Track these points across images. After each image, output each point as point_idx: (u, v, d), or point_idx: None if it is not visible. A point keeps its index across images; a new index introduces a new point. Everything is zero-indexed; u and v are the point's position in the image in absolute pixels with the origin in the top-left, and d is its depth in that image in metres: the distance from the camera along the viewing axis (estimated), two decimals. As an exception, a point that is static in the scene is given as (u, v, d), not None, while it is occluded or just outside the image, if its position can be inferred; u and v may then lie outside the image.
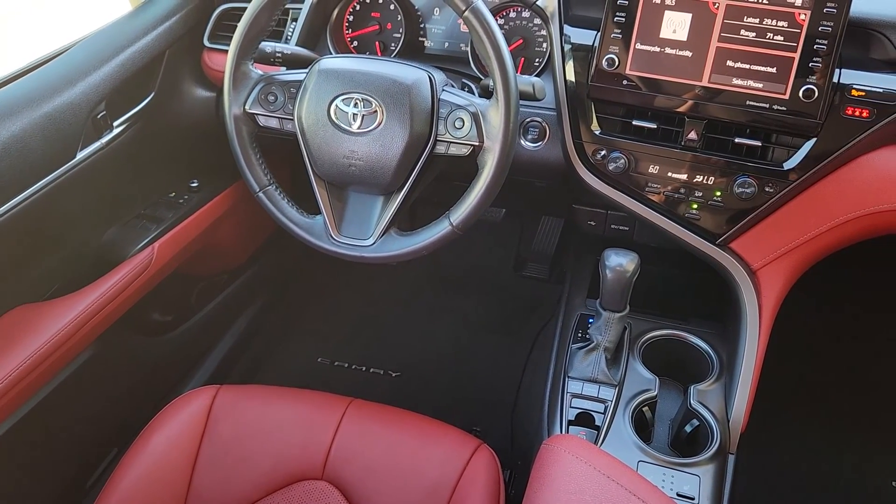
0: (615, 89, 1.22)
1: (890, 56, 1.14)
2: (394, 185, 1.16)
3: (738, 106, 1.16)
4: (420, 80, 1.12)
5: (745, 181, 1.19)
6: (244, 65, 1.18)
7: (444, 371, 2.02)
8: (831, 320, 2.02)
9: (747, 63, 1.15)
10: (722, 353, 1.31)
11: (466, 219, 1.13)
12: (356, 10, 1.48)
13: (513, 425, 1.82)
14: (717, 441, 1.16)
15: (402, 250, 1.18)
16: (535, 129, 1.32)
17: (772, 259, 1.24)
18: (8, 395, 1.17)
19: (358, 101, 1.12)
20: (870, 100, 1.11)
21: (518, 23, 1.39)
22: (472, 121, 1.11)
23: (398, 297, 2.24)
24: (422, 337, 2.13)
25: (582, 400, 1.22)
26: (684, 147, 1.22)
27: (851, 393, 1.91)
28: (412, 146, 1.12)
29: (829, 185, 1.18)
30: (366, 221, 1.20)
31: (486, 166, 1.11)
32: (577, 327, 1.39)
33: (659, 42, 1.18)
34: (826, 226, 1.20)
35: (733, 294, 1.28)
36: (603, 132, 1.26)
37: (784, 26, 1.12)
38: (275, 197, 1.22)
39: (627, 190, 1.27)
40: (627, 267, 1.21)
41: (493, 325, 2.14)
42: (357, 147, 1.13)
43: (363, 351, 2.08)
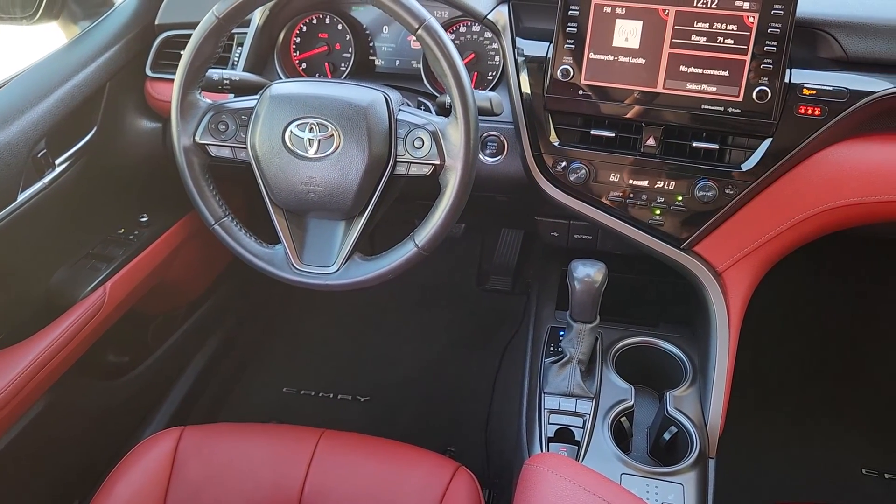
0: (571, 100, 1.22)
1: (836, 54, 1.16)
2: (355, 210, 1.13)
3: (694, 110, 1.17)
4: (376, 101, 1.10)
5: (706, 184, 1.19)
6: (191, 94, 1.14)
7: (413, 392, 1.98)
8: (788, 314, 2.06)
9: (700, 67, 1.15)
10: (693, 356, 1.31)
11: (432, 239, 1.11)
12: (303, 31, 1.45)
13: (487, 443, 1.80)
14: (696, 447, 1.15)
15: (368, 276, 1.15)
16: (493, 144, 1.31)
17: (736, 260, 1.25)
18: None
19: (313, 125, 1.09)
20: (821, 98, 1.13)
21: (469, 37, 1.38)
22: (432, 140, 1.09)
23: (362, 320, 2.20)
24: (388, 359, 2.09)
25: (560, 415, 1.21)
26: (643, 154, 1.22)
27: (817, 385, 1.94)
28: (372, 169, 1.09)
29: (786, 183, 1.19)
30: (328, 248, 1.17)
31: (448, 185, 1.09)
32: (548, 341, 1.37)
33: (612, 51, 1.18)
34: (787, 224, 1.21)
35: (700, 297, 1.28)
36: (562, 143, 1.25)
37: (734, 29, 1.13)
38: (231, 229, 1.18)
39: (590, 200, 1.27)
40: (596, 277, 1.20)
41: (459, 342, 2.12)
42: (315, 173, 1.10)
43: (330, 377, 2.03)
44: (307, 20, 1.44)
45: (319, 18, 1.44)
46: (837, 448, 1.76)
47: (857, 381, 1.95)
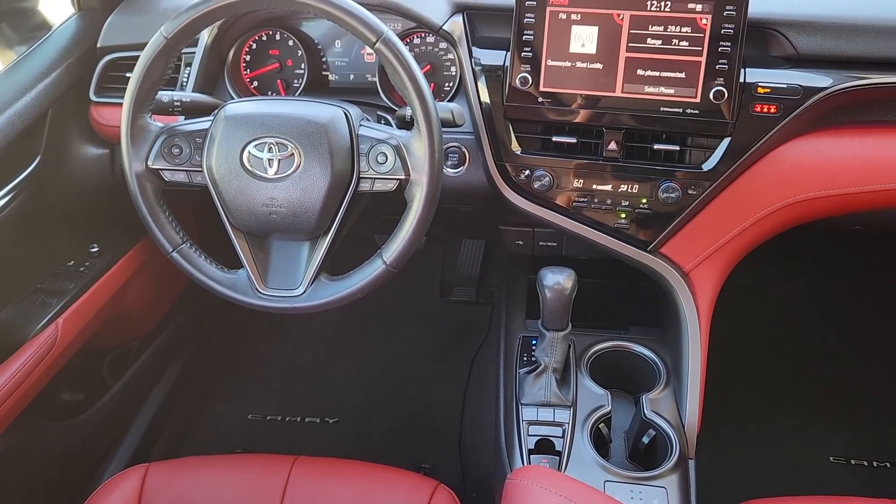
0: (531, 107, 1.21)
1: (787, 52, 1.18)
2: (319, 229, 1.10)
3: (653, 113, 1.18)
4: (336, 118, 1.07)
5: (669, 186, 1.20)
6: (141, 118, 1.09)
7: (383, 410, 1.95)
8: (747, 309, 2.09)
9: (657, 70, 1.16)
10: (666, 357, 1.32)
11: (400, 256, 1.09)
12: (252, 49, 1.41)
13: (462, 457, 1.77)
14: (676, 449, 1.15)
15: (336, 296, 1.12)
16: (454, 155, 1.29)
17: (702, 259, 1.25)
18: None
19: (272, 145, 1.06)
20: (775, 96, 1.15)
21: (424, 48, 1.37)
22: (396, 154, 1.07)
23: (325, 340, 2.16)
24: (355, 378, 2.05)
25: (539, 426, 1.19)
26: (606, 158, 1.22)
27: (780, 379, 1.97)
28: (335, 187, 1.07)
29: (747, 181, 1.21)
30: (293, 270, 1.14)
31: (415, 199, 1.07)
32: (520, 351, 1.36)
33: (569, 57, 1.18)
34: (749, 221, 1.22)
35: (669, 298, 1.29)
36: (524, 151, 1.25)
37: (688, 32, 1.14)
38: (190, 255, 1.14)
39: (555, 207, 1.26)
40: (566, 284, 1.20)
41: (426, 355, 2.09)
42: (276, 193, 1.07)
43: (296, 401, 1.98)
44: (257, 37, 1.41)
45: (269, 35, 1.41)
46: (805, 439, 1.80)
47: (818, 372, 1.99)
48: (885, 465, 1.72)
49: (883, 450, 1.76)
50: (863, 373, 1.98)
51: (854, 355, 2.02)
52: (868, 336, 2.06)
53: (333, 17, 1.02)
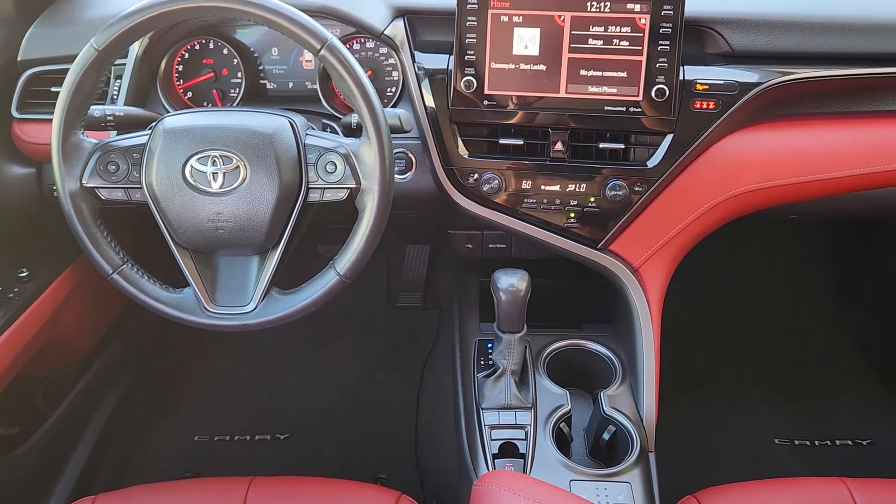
0: (476, 110, 1.21)
1: (723, 49, 1.21)
2: (269, 243, 1.07)
3: (597, 112, 1.19)
4: (281, 128, 1.04)
5: (616, 184, 1.21)
6: (73, 134, 1.04)
7: (335, 422, 1.91)
8: (687, 299, 2.14)
9: (599, 70, 1.17)
10: (620, 353, 1.34)
11: (354, 266, 1.07)
12: (185, 58, 1.37)
13: (419, 465, 1.75)
14: (637, 444, 1.16)
15: (289, 310, 1.09)
16: (400, 161, 1.28)
17: (651, 255, 1.28)
18: None
19: (216, 158, 1.02)
20: (714, 92, 1.18)
21: (364, 54, 1.34)
22: (345, 162, 1.05)
23: (270, 355, 2.10)
24: (304, 391, 2.01)
25: (501, 430, 1.19)
26: (553, 159, 1.23)
27: (724, 365, 2.03)
28: (284, 199, 1.04)
29: (690, 176, 1.23)
30: (242, 286, 1.10)
31: (367, 208, 1.05)
32: (477, 355, 1.35)
33: (513, 59, 1.18)
34: (693, 215, 1.25)
35: (621, 294, 1.31)
36: (471, 155, 1.24)
37: (628, 32, 1.16)
38: (132, 276, 1.09)
39: (505, 209, 1.27)
40: (520, 286, 1.20)
41: (376, 364, 2.07)
42: (222, 208, 1.03)
43: (244, 419, 1.92)
44: (189, 46, 1.36)
45: (202, 44, 1.36)
46: (751, 424, 1.85)
47: (759, 358, 2.05)
48: (826, 443, 1.79)
49: (824, 429, 1.83)
50: (801, 356, 2.05)
51: (792, 340, 2.10)
52: (805, 321, 2.14)
53: (275, 25, 0.99)
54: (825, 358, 2.04)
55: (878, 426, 1.83)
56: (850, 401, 1.91)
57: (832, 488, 1.13)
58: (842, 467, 1.73)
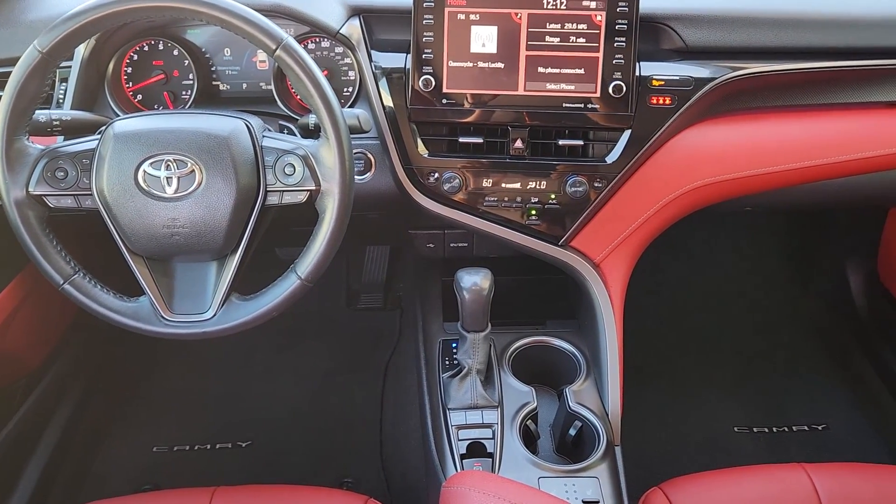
0: (435, 109, 1.20)
1: (677, 45, 1.23)
2: (227, 248, 1.05)
3: (556, 109, 1.19)
4: (237, 130, 1.02)
5: (576, 180, 1.22)
6: (18, 140, 0.99)
7: (298, 427, 1.88)
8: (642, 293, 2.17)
9: (557, 67, 1.18)
10: (584, 348, 1.34)
11: (316, 269, 1.05)
12: (134, 60, 1.32)
13: (385, 468, 1.74)
14: (603, 439, 1.17)
15: (249, 316, 1.06)
16: (359, 162, 1.26)
17: (612, 249, 1.29)
18: None
19: (170, 162, 0.99)
20: (670, 87, 1.19)
21: (319, 53, 1.32)
22: (304, 164, 1.03)
23: (230, 359, 2.06)
24: (265, 397, 1.97)
25: (469, 430, 1.18)
26: (513, 157, 1.23)
27: (682, 356, 2.06)
28: (241, 202, 1.01)
29: (648, 171, 1.25)
30: (201, 293, 1.07)
31: (327, 210, 1.03)
32: (441, 355, 1.35)
33: (471, 57, 1.18)
34: (652, 209, 1.27)
35: (583, 289, 1.31)
36: (431, 154, 1.24)
37: (584, 29, 1.16)
38: (85, 286, 1.05)
39: (466, 207, 1.26)
40: (483, 285, 1.20)
41: (338, 366, 2.04)
42: (178, 213, 1.00)
43: (203, 427, 1.88)
44: (138, 47, 1.32)
45: (152, 45, 1.32)
46: (711, 413, 1.88)
47: (716, 347, 2.09)
48: (784, 429, 1.84)
49: (781, 416, 1.87)
50: (757, 345, 2.10)
51: (748, 329, 2.14)
52: (760, 310, 2.19)
53: (228, 25, 0.96)
54: (781, 345, 2.09)
55: (833, 411, 1.88)
56: (805, 387, 1.96)
57: (793, 474, 1.16)
58: (799, 452, 1.77)
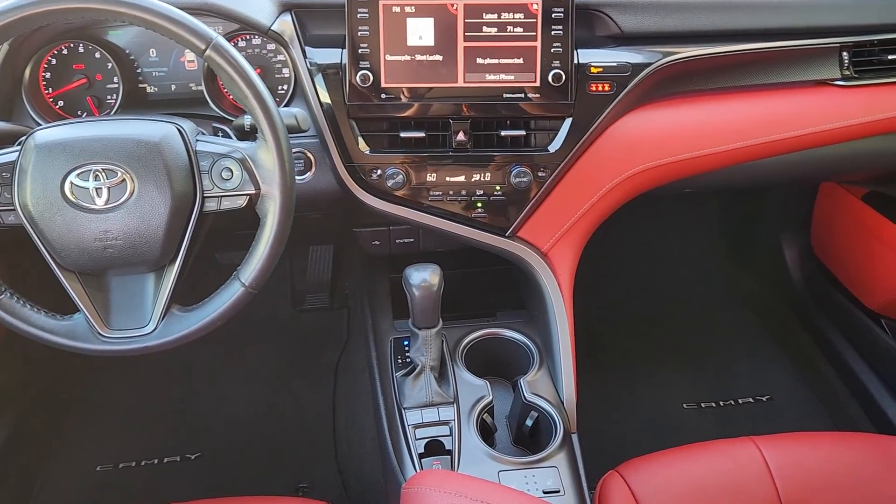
0: (374, 104, 1.18)
1: (613, 32, 1.23)
2: (165, 259, 1.00)
3: (497, 100, 1.19)
4: (169, 135, 0.97)
5: (520, 170, 1.22)
6: (-72, 155, 0.93)
7: (248, 435, 1.84)
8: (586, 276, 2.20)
9: (496, 58, 1.17)
10: (536, 338, 1.34)
11: (260, 275, 1.02)
12: (52, 64, 1.26)
13: (340, 470, 1.71)
14: (560, 428, 1.17)
15: (193, 327, 1.03)
16: (299, 162, 1.23)
17: (559, 238, 1.29)
18: None
19: (98, 172, 0.94)
20: (608, 74, 1.20)
21: (251, 51, 1.28)
22: (242, 168, 0.99)
23: (173, 370, 1.99)
24: (212, 406, 1.92)
25: (426, 428, 1.17)
26: (456, 150, 1.21)
27: (630, 338, 2.09)
28: (177, 210, 0.97)
29: (590, 158, 1.25)
30: (139, 306, 1.03)
31: (269, 214, 1.00)
32: (393, 354, 1.33)
33: (408, 50, 1.16)
34: (596, 196, 1.27)
35: (532, 279, 1.31)
36: (372, 150, 1.21)
37: (521, 18, 1.15)
38: (12, 306, 1.00)
39: (411, 203, 1.25)
40: (432, 280, 1.19)
41: (286, 370, 2.00)
42: (110, 225, 0.96)
43: (149, 442, 1.82)
44: (56, 51, 1.25)
45: (71, 47, 1.26)
46: (661, 392, 1.92)
47: (662, 327, 2.13)
48: (731, 403, 1.89)
49: (727, 390, 1.92)
50: (701, 322, 2.14)
51: (691, 307, 2.19)
52: (701, 288, 2.24)
53: (154, 26, 0.92)
54: (723, 322, 2.14)
55: (775, 382, 1.94)
56: (748, 360, 2.02)
57: (743, 448, 1.19)
58: (746, 424, 1.82)
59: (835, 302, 1.84)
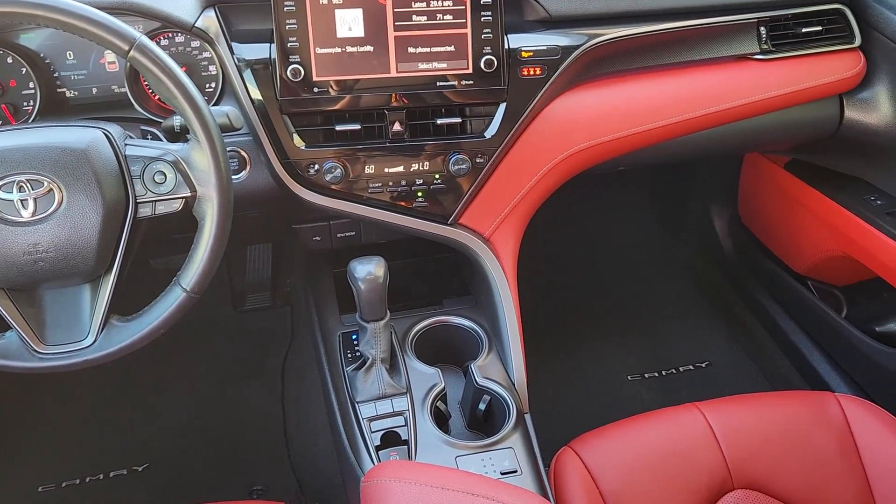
0: (307, 99, 1.16)
1: (541, 16, 1.25)
2: (100, 269, 0.97)
3: (430, 89, 1.19)
4: (95, 140, 0.94)
5: (458, 158, 1.22)
6: None
7: (196, 441, 1.80)
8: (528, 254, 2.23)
9: (427, 46, 1.17)
10: (483, 323, 1.36)
11: (201, 279, 0.99)
12: (-40, 72, 1.19)
13: (295, 469, 1.70)
14: (513, 409, 1.19)
15: (134, 337, 1.00)
16: (233, 161, 1.21)
17: (500, 222, 1.30)
18: None
19: (22, 183, 0.90)
20: (538, 58, 1.21)
21: (175, 50, 1.24)
22: (175, 170, 0.97)
23: (113, 380, 1.93)
24: (157, 413, 1.87)
25: (381, 420, 1.17)
26: (393, 140, 1.21)
27: (575, 314, 2.13)
28: (110, 218, 0.94)
29: (526, 142, 1.27)
30: (76, 319, 0.99)
31: (206, 216, 0.98)
32: (343, 349, 1.32)
33: (338, 42, 1.15)
34: (534, 179, 1.29)
35: (476, 265, 1.32)
36: (308, 145, 1.20)
37: (450, 5, 1.15)
38: (-62, 329, 0.95)
39: (351, 197, 1.24)
40: (378, 273, 1.18)
41: (232, 373, 1.96)
42: (38, 238, 0.92)
43: (93, 457, 1.76)
44: (-38, 58, 1.19)
45: (-21, 54, 1.20)
46: (606, 366, 1.97)
47: (603, 302, 2.18)
48: (672, 371, 1.95)
49: (668, 359, 1.98)
50: (640, 295, 2.20)
51: (630, 281, 2.25)
52: (639, 261, 2.29)
53: (73, 28, 0.88)
54: (661, 293, 2.20)
55: (712, 348, 2.02)
56: (686, 329, 2.09)
57: (687, 414, 1.23)
58: (688, 391, 1.89)
59: (764, 268, 1.92)
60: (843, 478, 1.15)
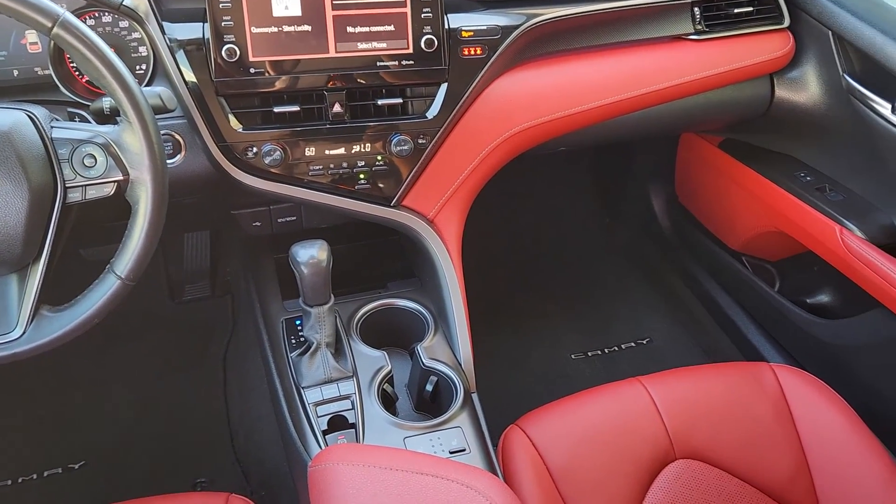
0: (243, 80, 1.13)
1: (481, -5, 1.24)
2: (28, 257, 0.93)
3: (370, 69, 1.17)
4: (19, 123, 0.90)
5: (400, 139, 1.21)
6: None
7: (135, 436, 1.75)
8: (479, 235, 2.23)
9: (366, 26, 1.15)
10: (429, 304, 1.35)
11: (136, 266, 0.96)
12: None
13: (239, 460, 1.67)
14: (460, 389, 1.20)
15: (67, 328, 0.96)
16: (167, 144, 1.17)
17: (443, 204, 1.30)
18: None
19: (-60, 169, 0.85)
20: (479, 38, 1.21)
21: (101, 30, 1.19)
22: (106, 153, 0.93)
23: (44, 375, 1.85)
24: (92, 409, 1.80)
25: (327, 405, 1.15)
26: (333, 122, 1.19)
27: (520, 294, 2.15)
28: (37, 204, 0.90)
29: (468, 122, 1.26)
30: (3, 311, 0.95)
31: (140, 200, 0.94)
32: (286, 335, 1.30)
33: (275, 21, 1.12)
34: (476, 160, 1.29)
35: (420, 247, 1.32)
36: (246, 128, 1.17)
37: (389, -17, 1.14)
38: None
39: (291, 180, 1.21)
40: (321, 256, 1.16)
41: (170, 365, 1.91)
42: None
43: (26, 455, 1.69)
44: None
45: None
46: (550, 346, 1.99)
47: (546, 282, 2.20)
48: (615, 349, 1.99)
49: (610, 337, 2.02)
50: (582, 275, 2.24)
51: (573, 261, 2.28)
52: (581, 241, 2.33)
53: None
54: (602, 272, 2.24)
55: (652, 325, 2.07)
56: (628, 306, 2.13)
57: (631, 388, 1.26)
58: (630, 367, 1.93)
59: (701, 245, 1.97)
60: (779, 444, 1.19)
